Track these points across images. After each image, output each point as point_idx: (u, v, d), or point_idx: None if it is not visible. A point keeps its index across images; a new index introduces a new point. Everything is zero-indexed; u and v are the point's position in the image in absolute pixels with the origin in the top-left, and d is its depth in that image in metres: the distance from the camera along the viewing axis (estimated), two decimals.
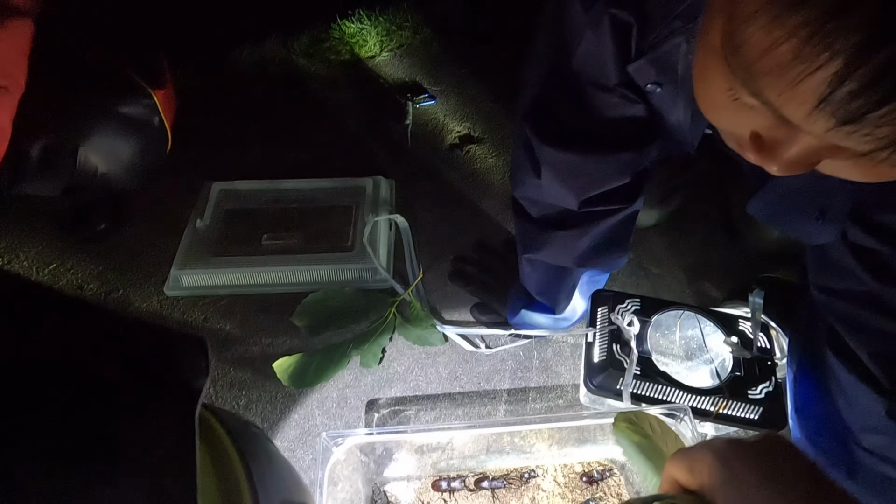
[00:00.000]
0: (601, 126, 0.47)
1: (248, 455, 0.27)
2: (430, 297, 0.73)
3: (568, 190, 0.50)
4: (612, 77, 0.43)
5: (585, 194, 0.50)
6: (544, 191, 0.51)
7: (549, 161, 0.49)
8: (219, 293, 0.73)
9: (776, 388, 0.51)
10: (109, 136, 0.66)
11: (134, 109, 0.66)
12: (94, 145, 0.64)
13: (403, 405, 0.64)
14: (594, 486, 0.55)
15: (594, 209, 0.51)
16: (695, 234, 0.80)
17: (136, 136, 0.68)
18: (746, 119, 0.27)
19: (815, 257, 0.47)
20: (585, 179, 0.49)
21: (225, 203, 0.79)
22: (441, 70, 1.04)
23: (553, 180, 0.49)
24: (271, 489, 0.27)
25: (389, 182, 0.84)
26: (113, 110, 0.65)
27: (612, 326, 0.55)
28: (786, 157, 0.27)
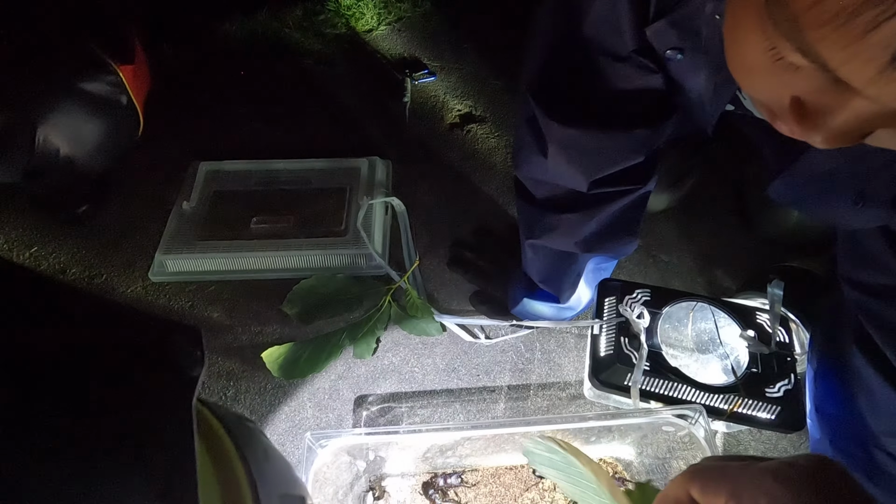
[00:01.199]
0: (614, 100, 0.42)
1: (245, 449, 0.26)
2: (427, 284, 0.70)
3: (576, 170, 0.46)
4: (628, 43, 0.39)
5: (595, 174, 0.46)
6: (550, 171, 0.47)
7: (556, 138, 0.44)
8: (206, 279, 0.69)
9: (795, 385, 0.48)
10: (71, 115, 0.61)
11: (97, 87, 0.61)
12: (53, 125, 0.59)
13: (398, 400, 0.61)
14: None
15: (604, 190, 0.47)
16: (707, 220, 0.76)
17: (102, 115, 0.63)
18: (788, 83, 0.23)
19: (848, 247, 0.43)
20: (595, 158, 0.45)
21: (212, 184, 0.75)
22: (442, 45, 0.99)
23: (560, 159, 0.45)
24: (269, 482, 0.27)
25: (386, 163, 0.80)
26: (73, 87, 0.60)
27: (620, 318, 0.51)
28: (833, 126, 0.23)
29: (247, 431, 0.28)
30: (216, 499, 0.23)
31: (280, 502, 0.26)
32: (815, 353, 0.48)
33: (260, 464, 0.26)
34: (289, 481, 0.30)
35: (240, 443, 0.26)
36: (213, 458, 0.25)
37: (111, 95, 0.63)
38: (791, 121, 0.24)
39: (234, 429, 0.27)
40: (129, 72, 0.64)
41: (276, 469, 0.29)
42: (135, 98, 0.66)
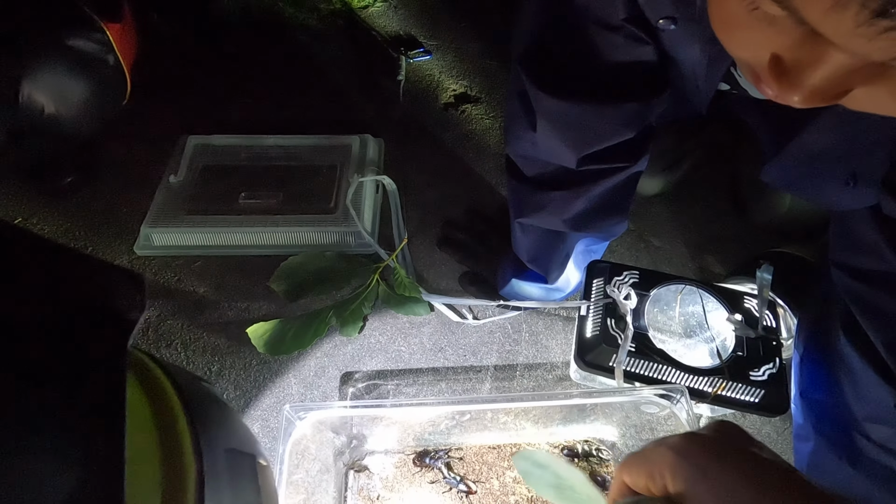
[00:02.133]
0: (605, 71, 0.41)
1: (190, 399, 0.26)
2: (416, 264, 0.69)
3: (566, 144, 0.45)
4: (620, 12, 0.38)
5: (585, 150, 0.45)
6: (539, 146, 0.46)
7: (545, 111, 0.43)
8: (192, 253, 0.69)
9: (780, 370, 0.47)
10: (56, 70, 0.59)
11: (83, 43, 0.59)
12: (38, 80, 0.57)
13: (384, 378, 0.61)
14: (582, 461, 0.52)
15: (594, 167, 0.46)
16: (700, 206, 0.75)
17: (88, 74, 0.61)
18: (766, 37, 0.22)
19: (839, 232, 0.43)
20: (585, 133, 0.44)
21: (201, 158, 0.74)
22: (438, 23, 0.97)
23: (550, 133, 0.44)
24: (215, 436, 0.26)
25: (378, 141, 0.79)
26: (59, 43, 0.58)
27: (607, 300, 0.51)
28: (811, 83, 0.22)
29: (195, 385, 0.28)
30: (151, 442, 0.23)
31: (225, 456, 0.26)
32: (802, 338, 0.48)
33: (205, 416, 0.26)
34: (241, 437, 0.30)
35: (184, 393, 0.25)
36: (152, 405, 0.24)
37: (97, 53, 0.61)
38: (770, 79, 0.23)
39: (179, 380, 0.26)
40: (117, 31, 0.63)
41: (225, 425, 0.28)
42: (122, 59, 0.64)
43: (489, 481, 0.51)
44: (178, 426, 0.24)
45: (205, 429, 0.25)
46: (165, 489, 0.22)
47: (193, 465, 0.23)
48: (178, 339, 0.63)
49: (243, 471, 0.27)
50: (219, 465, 0.25)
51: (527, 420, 0.52)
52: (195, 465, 0.23)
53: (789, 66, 0.23)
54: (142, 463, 0.22)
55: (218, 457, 0.25)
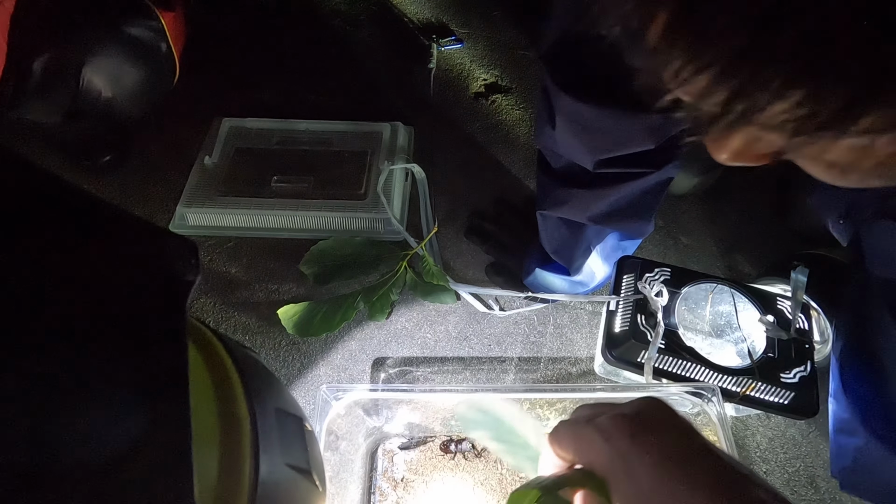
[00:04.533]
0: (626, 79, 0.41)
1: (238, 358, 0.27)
2: (443, 252, 0.70)
3: (582, 145, 0.44)
4: None
5: (601, 155, 0.44)
6: (558, 143, 0.46)
7: (563, 110, 0.43)
8: (225, 234, 0.70)
9: (812, 373, 0.47)
10: (114, 57, 0.61)
11: (140, 31, 0.62)
12: (98, 66, 0.59)
13: (410, 363, 0.62)
14: None
15: (613, 171, 0.46)
16: (732, 207, 0.74)
17: (143, 60, 0.64)
18: None
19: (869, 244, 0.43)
20: (602, 138, 0.43)
21: (234, 141, 0.75)
22: (471, 11, 0.96)
23: (567, 133, 0.44)
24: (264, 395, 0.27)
25: (408, 129, 0.79)
26: (118, 29, 0.60)
27: (637, 296, 0.51)
28: (728, 145, 0.23)
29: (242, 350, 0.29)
30: (209, 397, 0.24)
31: (275, 415, 0.27)
32: (843, 334, 0.47)
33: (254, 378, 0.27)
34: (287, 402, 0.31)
35: (234, 355, 0.26)
36: (206, 362, 0.25)
37: (152, 41, 0.63)
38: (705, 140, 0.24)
39: (228, 343, 0.27)
40: (170, 19, 0.65)
41: (272, 388, 0.29)
42: (173, 45, 0.66)
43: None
44: (232, 383, 0.25)
45: (255, 389, 0.25)
46: (223, 437, 0.23)
47: (247, 419, 0.24)
48: (211, 318, 0.64)
49: (292, 430, 0.28)
50: (269, 422, 0.26)
51: (551, 411, 0.52)
52: (249, 418, 0.24)
53: None
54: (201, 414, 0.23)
55: (268, 415, 0.26)
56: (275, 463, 0.25)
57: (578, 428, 0.28)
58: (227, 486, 0.23)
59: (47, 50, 0.58)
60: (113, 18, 0.60)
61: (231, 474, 0.23)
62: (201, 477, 0.21)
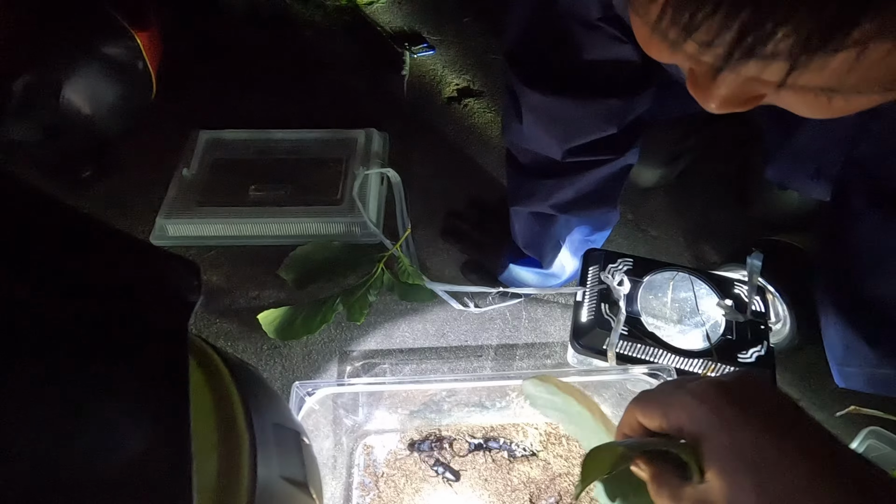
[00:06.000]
0: (586, 69, 0.43)
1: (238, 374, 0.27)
2: (420, 253, 0.72)
3: (550, 137, 0.47)
4: (594, 10, 0.40)
5: (569, 143, 0.47)
6: (526, 137, 0.48)
7: (530, 105, 0.45)
8: (206, 244, 0.71)
9: (768, 352, 0.49)
10: (93, 76, 0.64)
11: (117, 51, 0.64)
12: (76, 86, 0.62)
13: (385, 358, 0.63)
14: (575, 443, 0.54)
15: (579, 159, 0.48)
16: (698, 198, 0.77)
17: (120, 78, 0.66)
18: (672, 57, 0.24)
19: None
20: (568, 126, 0.46)
21: (212, 152, 0.77)
22: (442, 18, 0.99)
23: (534, 126, 0.46)
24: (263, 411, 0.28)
25: (383, 135, 0.81)
26: (95, 50, 0.63)
27: (601, 286, 0.53)
28: (717, 93, 0.24)
29: (242, 366, 0.30)
30: (209, 412, 0.25)
31: (273, 429, 0.28)
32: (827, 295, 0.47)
33: (253, 393, 0.28)
34: (284, 416, 0.32)
35: (234, 371, 0.27)
36: (208, 379, 0.26)
37: (129, 60, 0.66)
38: (690, 89, 0.25)
39: (228, 359, 0.28)
40: (146, 37, 0.67)
41: (270, 403, 0.30)
42: (150, 63, 0.69)
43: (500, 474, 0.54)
44: (232, 399, 0.26)
45: (254, 404, 0.26)
46: (221, 452, 0.24)
47: (246, 433, 0.25)
48: (192, 326, 0.66)
49: (289, 444, 0.29)
50: (267, 436, 0.27)
51: (527, 399, 0.54)
52: (248, 433, 0.25)
53: (698, 78, 0.24)
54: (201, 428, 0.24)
55: (267, 429, 0.27)
56: (272, 476, 0.26)
57: (667, 392, 0.27)
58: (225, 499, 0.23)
59: (26, 71, 0.60)
60: (90, 39, 0.62)
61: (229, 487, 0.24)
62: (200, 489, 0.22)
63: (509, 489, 0.51)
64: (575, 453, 0.54)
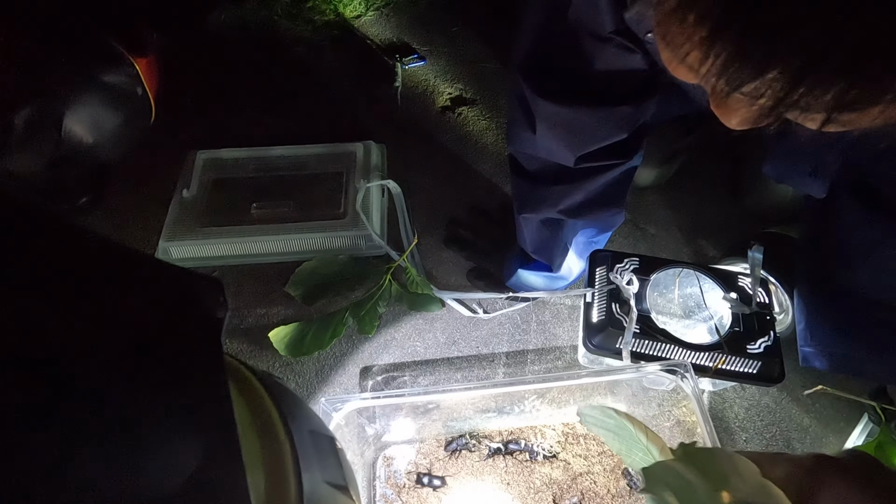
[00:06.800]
0: (598, 79, 0.45)
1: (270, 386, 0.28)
2: (425, 262, 0.72)
3: (563, 145, 0.48)
4: (607, 24, 0.41)
5: (582, 150, 0.48)
6: (539, 146, 0.50)
7: (543, 115, 0.47)
8: (210, 264, 0.71)
9: (775, 342, 0.51)
10: (93, 105, 0.64)
11: (117, 78, 0.65)
12: (77, 115, 0.62)
13: (401, 370, 0.64)
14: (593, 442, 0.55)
15: (590, 165, 0.50)
16: (693, 194, 0.79)
17: (121, 106, 0.67)
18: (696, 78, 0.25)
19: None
20: (582, 135, 0.47)
21: (211, 172, 0.77)
22: (430, 28, 1.00)
23: (548, 135, 0.48)
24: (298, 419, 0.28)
25: (380, 146, 0.82)
26: (96, 79, 0.63)
27: (610, 286, 0.54)
28: (739, 113, 0.26)
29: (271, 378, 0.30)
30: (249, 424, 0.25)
31: (310, 436, 0.28)
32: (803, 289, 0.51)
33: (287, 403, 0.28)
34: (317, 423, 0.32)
35: (266, 384, 0.28)
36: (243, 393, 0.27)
37: (128, 87, 0.67)
38: (713, 107, 0.27)
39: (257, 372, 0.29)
40: (144, 64, 0.67)
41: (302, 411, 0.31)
42: (149, 89, 0.69)
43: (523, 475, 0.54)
44: (268, 409, 0.26)
45: (289, 413, 0.27)
46: (266, 462, 0.24)
47: (287, 443, 0.25)
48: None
49: (326, 449, 0.30)
50: (306, 443, 0.27)
51: (542, 402, 0.55)
52: (288, 442, 0.25)
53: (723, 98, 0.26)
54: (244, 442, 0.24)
55: (304, 437, 0.27)
56: (316, 482, 0.27)
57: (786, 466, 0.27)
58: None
59: (27, 104, 0.60)
60: (90, 69, 0.63)
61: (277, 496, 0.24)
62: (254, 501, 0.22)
63: (532, 491, 0.52)
64: (593, 451, 0.55)
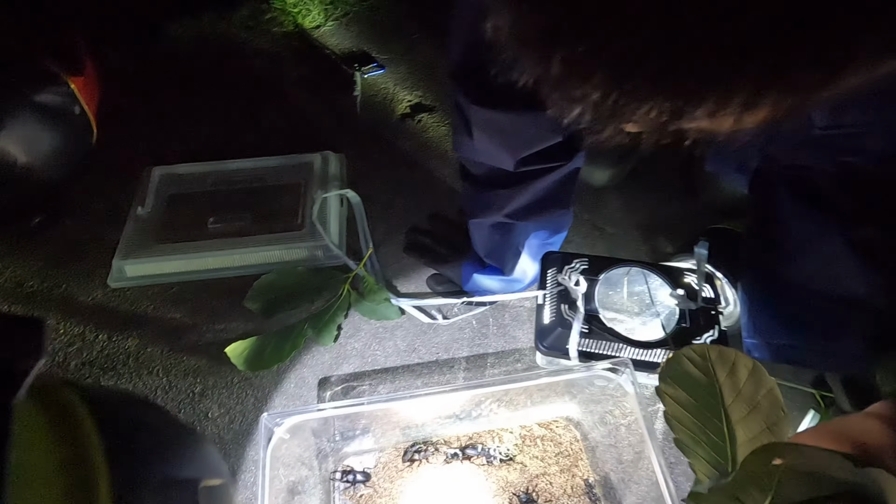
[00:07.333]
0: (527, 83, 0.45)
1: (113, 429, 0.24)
2: (385, 270, 0.72)
3: (501, 150, 0.49)
4: None
5: (520, 154, 0.49)
6: (478, 152, 0.50)
7: (478, 121, 0.47)
8: (167, 281, 0.71)
9: (720, 335, 0.52)
10: (25, 125, 0.63)
11: (50, 98, 0.64)
12: (9, 135, 0.61)
13: (361, 380, 0.63)
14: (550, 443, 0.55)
15: (531, 168, 0.50)
16: (651, 193, 0.80)
17: (56, 125, 0.66)
18: None
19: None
20: (517, 138, 0.48)
21: (168, 188, 0.76)
22: (390, 37, 1.00)
23: (485, 141, 0.48)
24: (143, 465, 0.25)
25: (339, 156, 0.82)
26: (27, 98, 0.62)
27: (560, 287, 0.55)
28: None
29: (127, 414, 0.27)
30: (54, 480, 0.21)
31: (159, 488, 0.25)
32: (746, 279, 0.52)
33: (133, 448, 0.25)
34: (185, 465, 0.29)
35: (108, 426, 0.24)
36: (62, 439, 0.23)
37: (64, 106, 0.66)
38: None
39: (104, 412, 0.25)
40: (80, 83, 0.67)
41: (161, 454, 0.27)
42: (87, 107, 0.68)
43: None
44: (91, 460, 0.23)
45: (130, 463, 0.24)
46: None
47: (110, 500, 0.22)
48: (159, 365, 0.65)
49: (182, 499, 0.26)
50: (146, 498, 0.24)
51: (500, 406, 0.55)
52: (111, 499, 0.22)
53: None
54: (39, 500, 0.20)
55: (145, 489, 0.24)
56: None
57: None
58: None
59: None
60: (19, 89, 0.62)
61: None
62: None
63: (489, 494, 0.52)
64: (550, 453, 0.55)
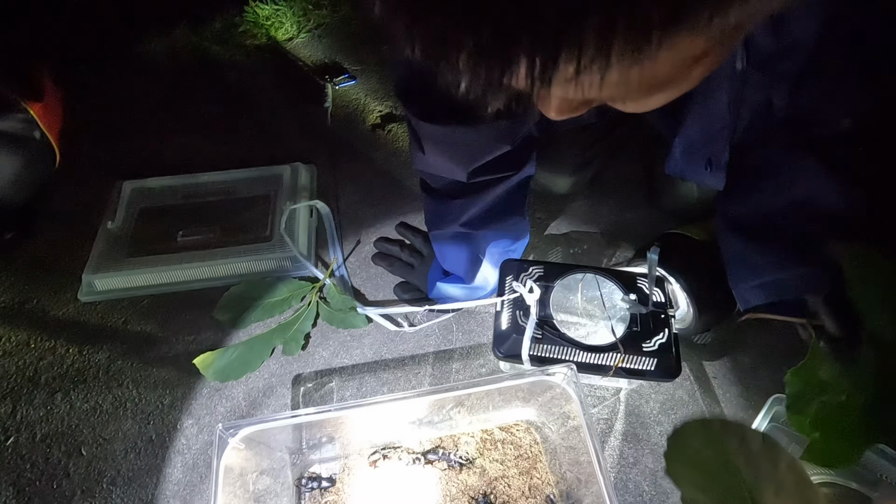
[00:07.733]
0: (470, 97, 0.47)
1: None
2: (355, 279, 0.74)
3: (452, 162, 0.50)
4: None
5: (471, 165, 0.51)
6: (431, 165, 0.52)
7: (427, 136, 0.49)
8: (138, 294, 0.72)
9: (669, 339, 0.54)
10: None
11: (8, 124, 0.64)
12: None
13: (328, 387, 0.65)
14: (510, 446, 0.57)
15: (483, 178, 0.52)
16: (612, 199, 0.82)
17: (16, 151, 0.66)
18: None
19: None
20: (466, 151, 0.50)
21: (138, 202, 0.77)
22: (362, 48, 1.02)
23: (436, 154, 0.50)
24: None
25: (309, 167, 0.83)
26: None
27: (516, 294, 0.56)
28: (551, 106, 0.28)
29: None
30: None
31: None
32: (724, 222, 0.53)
33: None
34: None
35: None
36: None
37: (23, 132, 0.66)
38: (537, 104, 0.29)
39: None
40: (39, 108, 0.67)
41: None
42: (48, 132, 0.69)
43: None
44: None
45: None
46: None
47: None
48: (129, 378, 0.66)
49: None
50: None
51: (462, 410, 0.57)
52: None
53: None
54: None
55: None
56: None
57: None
58: None
59: None
60: None
61: None
62: None
63: (448, 498, 0.54)
64: (509, 455, 0.57)
